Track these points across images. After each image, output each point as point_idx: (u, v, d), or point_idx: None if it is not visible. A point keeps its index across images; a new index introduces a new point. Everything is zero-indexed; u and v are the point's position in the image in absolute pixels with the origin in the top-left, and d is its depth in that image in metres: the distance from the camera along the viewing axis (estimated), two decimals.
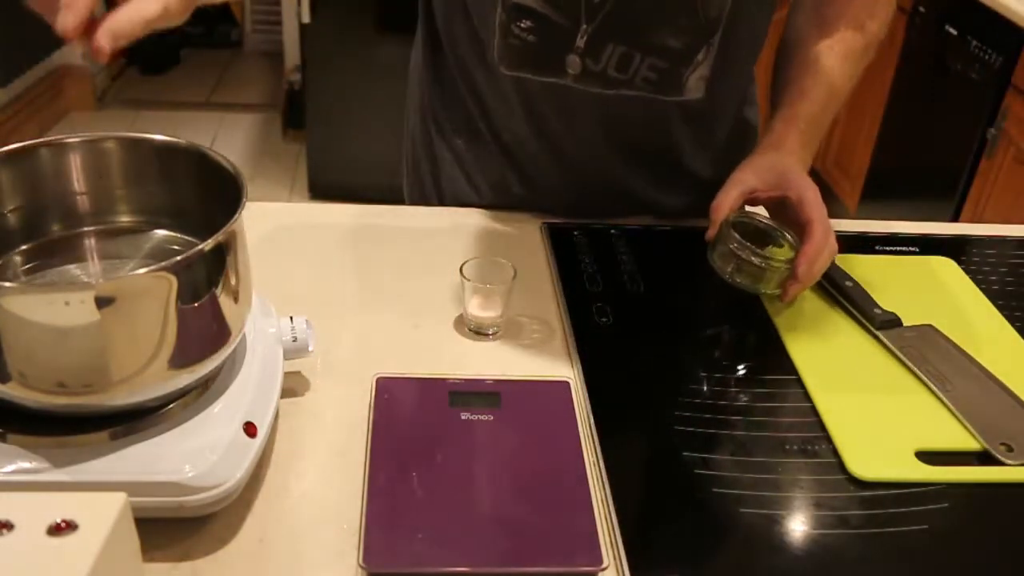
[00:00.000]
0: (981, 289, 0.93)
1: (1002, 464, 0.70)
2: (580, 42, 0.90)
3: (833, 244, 0.85)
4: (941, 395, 0.77)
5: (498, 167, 1.04)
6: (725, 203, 0.86)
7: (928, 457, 0.71)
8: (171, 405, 0.61)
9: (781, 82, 0.97)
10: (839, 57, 0.95)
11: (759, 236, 0.86)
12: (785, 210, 0.87)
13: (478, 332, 0.83)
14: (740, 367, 0.80)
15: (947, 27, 2.27)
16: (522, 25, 0.91)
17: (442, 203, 1.10)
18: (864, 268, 0.91)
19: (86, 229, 0.69)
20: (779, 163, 0.88)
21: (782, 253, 0.85)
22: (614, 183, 1.03)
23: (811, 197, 0.85)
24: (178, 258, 0.56)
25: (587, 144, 1.00)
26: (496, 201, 1.05)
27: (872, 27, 0.97)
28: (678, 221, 1.04)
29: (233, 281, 0.62)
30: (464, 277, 0.81)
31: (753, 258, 0.83)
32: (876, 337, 0.83)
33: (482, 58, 0.97)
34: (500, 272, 0.82)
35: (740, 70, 0.99)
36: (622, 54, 0.91)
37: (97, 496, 0.49)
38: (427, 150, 1.11)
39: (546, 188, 1.04)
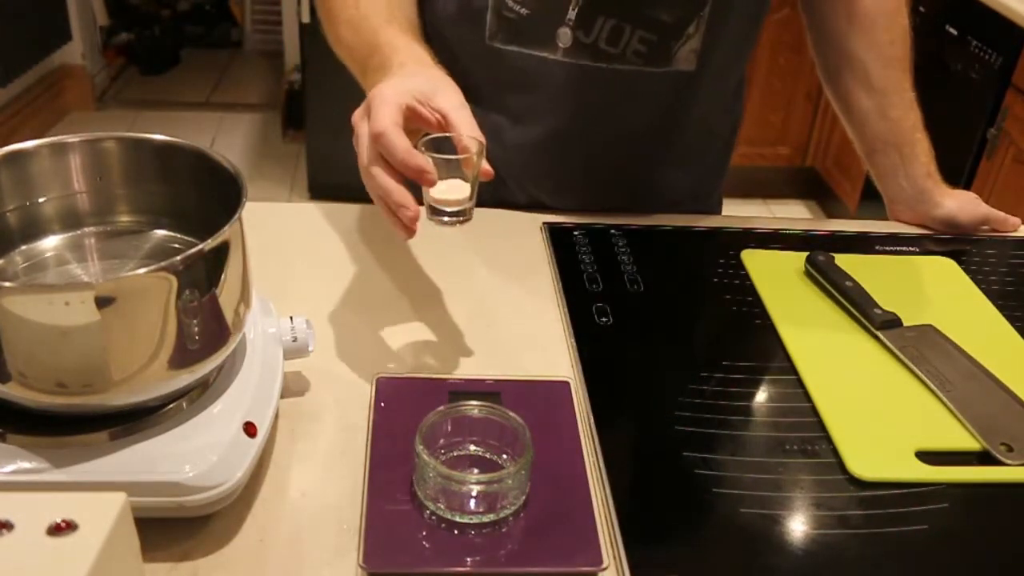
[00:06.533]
0: (981, 289, 0.93)
1: (1002, 464, 0.70)
2: (572, 14, 0.91)
3: None
4: (941, 395, 0.77)
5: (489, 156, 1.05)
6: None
7: (928, 457, 0.71)
8: (171, 405, 0.61)
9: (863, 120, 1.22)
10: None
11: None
12: None
13: (437, 212, 0.71)
14: (740, 367, 0.80)
15: (947, 27, 2.27)
16: None
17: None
18: (864, 268, 0.91)
19: (86, 229, 0.69)
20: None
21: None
22: (608, 163, 1.03)
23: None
24: (178, 258, 0.56)
25: (577, 121, 0.99)
26: (491, 193, 1.05)
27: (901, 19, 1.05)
28: (678, 220, 1.04)
29: (233, 281, 0.62)
30: (422, 150, 0.68)
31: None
32: (876, 337, 0.83)
33: (469, 38, 0.96)
34: (464, 147, 0.70)
35: (735, 41, 0.99)
36: (613, 27, 0.91)
37: (97, 496, 0.49)
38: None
39: (537, 172, 1.03)
